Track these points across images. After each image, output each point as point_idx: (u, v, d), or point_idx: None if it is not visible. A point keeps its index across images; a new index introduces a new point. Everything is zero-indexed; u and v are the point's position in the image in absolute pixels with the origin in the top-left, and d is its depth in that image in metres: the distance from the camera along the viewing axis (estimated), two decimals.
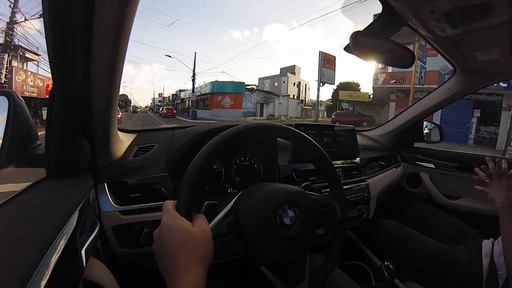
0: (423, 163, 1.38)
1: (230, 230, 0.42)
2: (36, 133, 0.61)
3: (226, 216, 0.45)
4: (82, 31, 0.40)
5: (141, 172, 0.71)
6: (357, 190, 1.03)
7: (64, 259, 0.36)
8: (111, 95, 0.54)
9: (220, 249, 0.40)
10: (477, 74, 1.05)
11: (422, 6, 0.64)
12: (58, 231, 0.37)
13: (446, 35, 0.75)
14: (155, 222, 0.65)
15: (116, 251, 0.63)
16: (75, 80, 0.46)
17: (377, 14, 0.72)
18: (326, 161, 0.56)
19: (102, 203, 0.63)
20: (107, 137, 0.64)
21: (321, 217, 0.51)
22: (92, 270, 0.47)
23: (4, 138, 0.53)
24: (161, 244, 0.35)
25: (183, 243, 0.33)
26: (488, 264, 0.78)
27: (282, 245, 0.43)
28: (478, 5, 0.61)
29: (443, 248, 0.89)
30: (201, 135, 0.74)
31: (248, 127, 0.49)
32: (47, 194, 0.50)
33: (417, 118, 1.35)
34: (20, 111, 0.56)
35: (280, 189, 0.48)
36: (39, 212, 0.41)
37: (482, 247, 0.83)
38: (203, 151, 0.44)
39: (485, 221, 1.09)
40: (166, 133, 0.87)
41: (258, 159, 0.84)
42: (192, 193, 0.40)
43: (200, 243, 0.35)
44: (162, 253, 0.34)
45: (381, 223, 1.11)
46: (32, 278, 0.28)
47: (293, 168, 0.91)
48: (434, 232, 1.04)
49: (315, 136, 1.00)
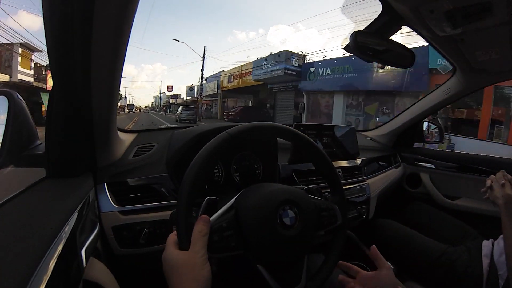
0: (423, 163, 1.38)
1: (229, 225, 0.42)
2: (36, 133, 0.61)
3: (226, 211, 0.45)
4: (82, 31, 0.40)
5: (141, 172, 0.71)
6: (357, 191, 1.03)
7: (64, 259, 0.36)
8: (111, 95, 0.54)
9: (218, 243, 0.40)
10: (477, 74, 1.05)
11: (422, 6, 0.64)
12: (58, 231, 0.37)
13: (446, 35, 0.75)
14: (155, 222, 0.65)
15: (116, 251, 0.63)
16: (75, 80, 0.46)
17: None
18: (327, 164, 0.56)
19: (102, 203, 0.63)
20: (107, 137, 0.64)
21: (321, 221, 0.51)
22: (92, 270, 0.47)
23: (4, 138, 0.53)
24: (166, 277, 0.40)
25: (175, 272, 0.38)
26: (488, 264, 0.78)
27: (281, 244, 0.43)
28: (478, 5, 0.61)
29: (443, 248, 0.89)
30: (201, 135, 0.74)
31: (253, 126, 0.49)
32: (47, 194, 0.50)
33: (417, 118, 1.35)
34: (20, 111, 0.56)
35: (282, 189, 0.48)
36: (39, 212, 0.41)
37: (482, 247, 0.83)
38: (208, 146, 0.44)
39: (485, 221, 1.09)
40: (166, 133, 0.87)
41: (258, 159, 0.84)
42: (192, 197, 0.41)
43: (190, 268, 0.38)
44: (168, 284, 0.39)
45: (381, 223, 1.11)
46: (32, 278, 0.28)
47: (293, 168, 0.91)
48: (434, 232, 1.04)
49: (315, 136, 1.00)
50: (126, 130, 0.88)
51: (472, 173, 1.20)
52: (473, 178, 1.19)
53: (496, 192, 0.75)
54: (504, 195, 0.73)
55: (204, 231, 0.40)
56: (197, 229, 0.40)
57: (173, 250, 0.40)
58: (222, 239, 0.41)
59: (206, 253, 0.39)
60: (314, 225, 0.49)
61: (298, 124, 0.95)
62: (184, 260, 0.38)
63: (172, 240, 0.41)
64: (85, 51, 0.43)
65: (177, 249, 0.40)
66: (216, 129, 0.74)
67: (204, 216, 0.41)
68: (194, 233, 0.39)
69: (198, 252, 0.38)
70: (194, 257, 0.38)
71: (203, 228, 0.40)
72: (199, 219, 0.41)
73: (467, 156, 1.30)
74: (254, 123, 0.50)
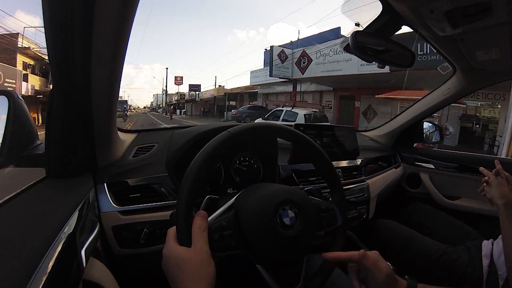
0: (423, 163, 1.38)
1: (229, 224, 0.42)
2: (36, 133, 0.62)
3: (226, 210, 0.45)
4: (82, 31, 0.40)
5: (141, 172, 0.71)
6: (357, 191, 1.03)
7: (64, 259, 0.36)
8: (111, 95, 0.54)
9: (218, 242, 0.40)
10: (477, 74, 1.05)
11: (423, 6, 0.64)
12: (58, 231, 0.37)
13: (446, 35, 0.75)
14: (155, 222, 0.65)
15: (116, 251, 0.63)
16: (75, 80, 0.46)
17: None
18: (327, 164, 0.56)
19: (102, 203, 0.63)
20: (107, 137, 0.64)
21: (321, 222, 0.51)
22: (92, 270, 0.47)
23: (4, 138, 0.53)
24: (166, 273, 0.38)
25: (180, 270, 0.36)
26: (488, 264, 0.78)
27: (280, 244, 0.43)
28: (478, 5, 0.61)
29: (443, 248, 0.89)
30: (201, 135, 0.74)
31: (254, 126, 0.49)
32: (47, 194, 0.50)
33: (417, 118, 1.35)
34: (20, 111, 0.56)
35: (281, 189, 0.48)
36: (39, 212, 0.41)
37: (482, 248, 0.83)
38: (209, 144, 0.43)
39: (485, 221, 1.09)
40: (166, 133, 0.87)
41: (258, 159, 0.84)
42: (192, 195, 0.40)
43: (197, 266, 0.37)
44: (169, 281, 0.38)
45: (381, 223, 1.11)
46: (32, 278, 0.28)
47: (293, 169, 0.91)
48: (434, 232, 1.04)
49: (315, 136, 1.00)
50: (126, 130, 0.88)
51: (472, 173, 1.20)
52: (473, 178, 1.19)
53: (494, 192, 0.75)
54: (502, 195, 0.73)
55: (203, 225, 0.39)
56: (196, 224, 0.39)
57: (175, 246, 0.38)
58: (222, 238, 0.41)
59: (209, 249, 0.38)
60: (314, 225, 0.49)
61: (298, 124, 0.95)
62: (190, 258, 0.37)
63: (173, 234, 0.40)
64: (85, 52, 0.43)
65: (178, 244, 0.38)
66: (216, 129, 0.74)
67: (201, 211, 0.41)
68: (194, 229, 0.38)
69: (202, 248, 0.37)
70: (199, 254, 0.37)
71: (202, 223, 0.39)
72: (196, 214, 0.40)
73: (467, 156, 1.30)
74: (255, 122, 0.50)
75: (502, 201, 0.72)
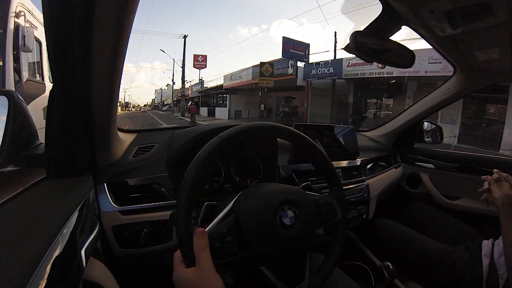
0: (423, 163, 1.38)
1: (230, 230, 0.42)
2: (36, 133, 0.61)
3: (225, 216, 0.45)
4: (82, 31, 0.40)
5: (141, 172, 0.71)
6: (357, 191, 1.03)
7: (64, 259, 0.36)
8: (111, 95, 0.54)
9: (221, 249, 0.40)
10: (477, 74, 1.05)
11: (423, 6, 0.63)
12: (58, 231, 0.37)
13: (446, 35, 0.75)
14: (155, 222, 0.65)
15: (116, 251, 0.63)
16: (75, 80, 0.46)
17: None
18: (326, 162, 0.56)
19: (102, 203, 0.63)
20: (107, 137, 0.64)
21: (321, 217, 0.51)
22: (92, 270, 0.47)
23: (4, 138, 0.53)
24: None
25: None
26: (488, 264, 0.78)
27: (282, 245, 0.43)
28: (478, 5, 0.61)
29: (443, 248, 0.89)
30: (201, 135, 0.74)
31: (247, 127, 0.49)
32: (47, 194, 0.50)
33: (417, 118, 1.35)
34: (20, 111, 0.56)
35: (280, 189, 0.48)
36: (38, 212, 0.41)
37: (482, 247, 0.83)
38: (201, 152, 0.44)
39: (485, 221, 1.09)
40: (166, 133, 0.87)
41: (258, 159, 0.84)
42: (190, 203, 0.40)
43: (203, 284, 0.37)
44: None
45: (381, 223, 1.11)
46: (32, 278, 0.28)
47: (293, 168, 0.91)
48: (434, 232, 1.04)
49: (314, 136, 1.00)
50: (126, 130, 0.88)
51: (472, 173, 1.20)
52: (473, 178, 1.19)
53: (494, 193, 0.75)
54: (502, 195, 0.73)
55: (202, 245, 0.39)
56: (196, 245, 0.39)
57: (181, 270, 0.39)
58: (224, 245, 0.41)
59: (212, 266, 0.38)
60: (314, 223, 0.49)
61: (298, 124, 0.95)
62: (196, 278, 0.38)
63: (179, 259, 0.41)
64: (85, 51, 0.43)
65: (185, 267, 0.39)
66: (216, 129, 0.74)
67: (200, 229, 0.40)
68: (195, 249, 0.39)
69: (204, 267, 0.38)
70: (203, 274, 0.38)
71: (201, 242, 0.39)
72: (195, 233, 0.40)
73: (467, 156, 1.30)
74: (247, 124, 0.50)
75: (502, 202, 0.72)
